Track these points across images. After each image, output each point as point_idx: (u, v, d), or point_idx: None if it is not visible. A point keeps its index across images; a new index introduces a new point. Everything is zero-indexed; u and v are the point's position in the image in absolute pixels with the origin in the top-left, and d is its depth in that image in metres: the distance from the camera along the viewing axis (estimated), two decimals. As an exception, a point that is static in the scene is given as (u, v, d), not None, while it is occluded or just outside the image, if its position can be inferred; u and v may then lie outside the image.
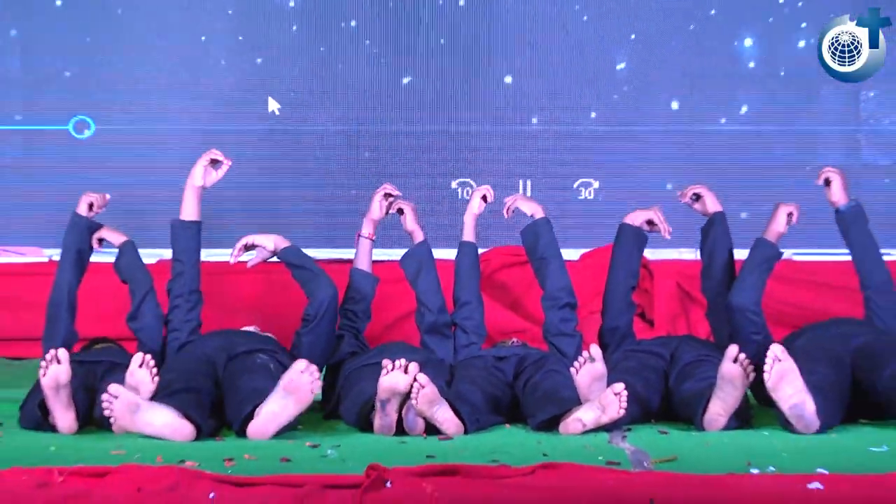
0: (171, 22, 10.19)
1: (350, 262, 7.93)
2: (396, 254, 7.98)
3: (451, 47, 10.22)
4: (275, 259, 7.65)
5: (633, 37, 10.30)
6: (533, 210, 7.84)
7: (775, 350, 6.62)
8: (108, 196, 7.68)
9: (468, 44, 10.23)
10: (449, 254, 7.95)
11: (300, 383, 6.52)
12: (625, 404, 6.69)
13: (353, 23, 10.17)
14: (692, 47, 10.26)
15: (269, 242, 7.58)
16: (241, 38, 10.20)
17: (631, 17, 10.26)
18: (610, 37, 10.25)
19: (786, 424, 6.72)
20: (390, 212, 7.98)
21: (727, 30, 10.31)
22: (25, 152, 10.21)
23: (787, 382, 6.63)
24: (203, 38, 10.23)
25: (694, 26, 10.27)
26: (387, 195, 7.97)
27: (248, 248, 7.61)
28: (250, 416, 6.60)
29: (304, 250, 7.68)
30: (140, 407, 6.52)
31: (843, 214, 7.70)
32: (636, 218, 7.93)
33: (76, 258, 7.55)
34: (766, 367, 6.60)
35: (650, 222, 7.90)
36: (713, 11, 10.27)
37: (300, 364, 6.55)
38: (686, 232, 8.11)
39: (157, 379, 6.79)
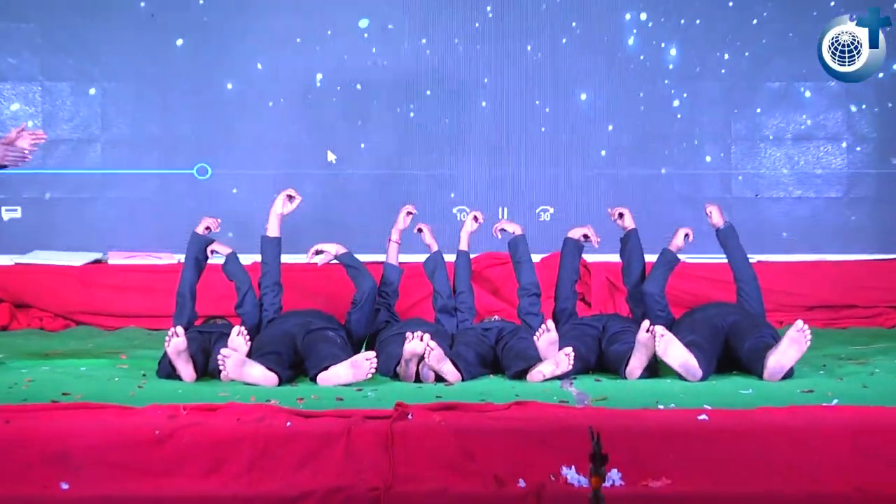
0: (263, 97, 10.16)
1: (382, 262, 7.95)
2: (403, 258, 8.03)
3: (452, 113, 10.20)
4: (335, 261, 7.67)
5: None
6: (514, 229, 7.87)
7: (657, 329, 6.66)
8: (219, 220, 7.70)
9: (463, 110, 10.22)
10: (450, 258, 7.92)
11: (362, 366, 6.62)
12: (572, 361, 6.71)
13: (372, 117, 10.12)
14: (621, 117, 10.22)
15: (333, 248, 7.64)
16: (310, 109, 10.16)
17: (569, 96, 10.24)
18: (559, 116, 10.21)
19: (679, 377, 6.71)
20: (414, 232, 8.02)
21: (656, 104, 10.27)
22: (161, 189, 10.17)
23: (671, 349, 6.65)
24: (285, 111, 10.18)
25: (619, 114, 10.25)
26: (409, 213, 8.03)
27: (317, 252, 7.65)
28: (323, 370, 6.68)
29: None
30: (245, 363, 6.63)
31: (721, 233, 7.67)
32: (575, 232, 7.93)
33: (195, 263, 7.56)
34: (656, 342, 6.64)
35: (585, 235, 7.89)
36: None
37: (369, 353, 6.70)
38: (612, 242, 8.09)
39: (249, 343, 6.86)
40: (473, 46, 10.20)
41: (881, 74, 10.04)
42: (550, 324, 6.93)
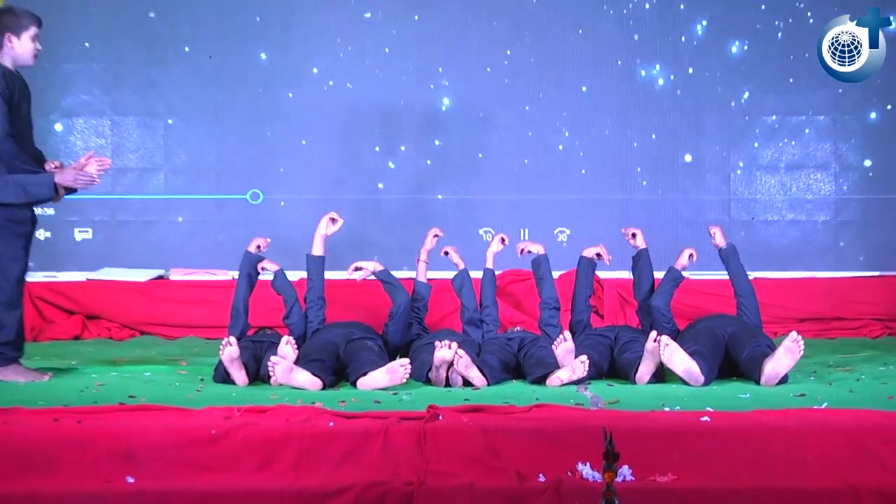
0: (304, 131, 10.21)
1: (412, 279, 7.97)
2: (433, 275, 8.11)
3: (474, 149, 10.21)
4: (372, 277, 7.68)
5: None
6: (538, 249, 7.85)
7: (663, 339, 6.67)
8: (269, 240, 7.72)
9: (486, 141, 10.23)
10: (476, 274, 7.93)
11: (397, 372, 6.63)
12: (587, 368, 6.71)
13: (403, 147, 10.16)
14: (632, 148, 10.23)
15: (370, 266, 7.68)
16: (347, 141, 10.20)
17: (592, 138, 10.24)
18: (575, 147, 10.22)
19: (683, 382, 6.70)
20: (440, 255, 8.03)
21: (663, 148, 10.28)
22: (217, 212, 10.20)
23: (675, 357, 6.66)
24: (324, 144, 10.22)
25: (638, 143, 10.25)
26: (435, 235, 8.05)
27: (356, 269, 7.69)
28: (362, 375, 6.69)
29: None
30: (293, 369, 6.64)
31: (724, 252, 7.64)
32: (589, 251, 7.91)
33: (247, 279, 7.59)
34: (661, 351, 6.65)
35: (598, 254, 7.88)
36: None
37: (403, 360, 6.71)
38: (621, 261, 8.10)
39: (296, 352, 6.89)
40: (496, 83, 10.22)
41: (873, 114, 10.06)
42: (567, 334, 6.93)
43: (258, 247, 7.66)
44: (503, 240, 8.01)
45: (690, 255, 7.70)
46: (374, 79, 10.20)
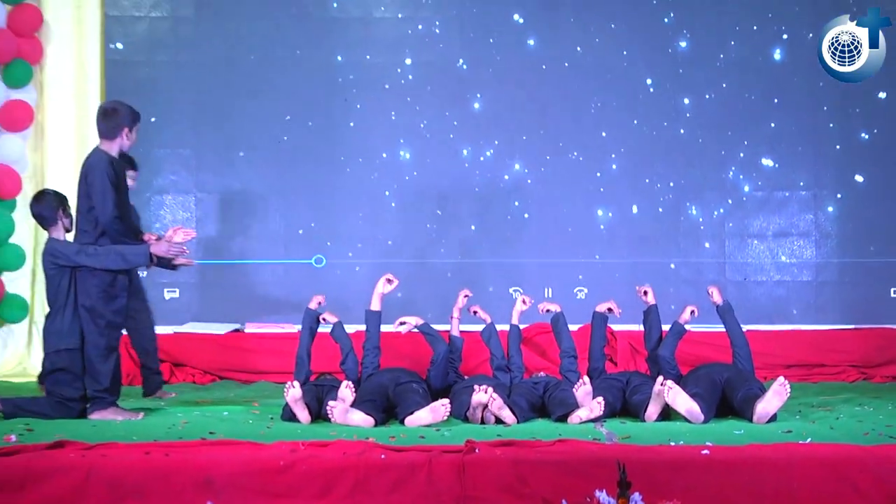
0: (364, 207, 10.27)
1: (447, 331, 7.98)
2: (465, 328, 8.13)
3: (506, 218, 10.25)
4: (416, 329, 7.69)
5: (602, 226, 10.26)
6: (555, 308, 7.83)
7: (668, 383, 6.66)
8: (324, 296, 7.75)
9: (516, 214, 10.26)
10: (505, 327, 7.91)
11: (439, 411, 6.61)
12: (603, 408, 6.68)
13: (448, 219, 10.17)
14: (641, 219, 10.24)
15: (414, 320, 7.68)
16: (399, 212, 10.26)
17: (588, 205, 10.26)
18: (592, 220, 10.24)
19: (686, 420, 6.66)
20: (469, 313, 8.00)
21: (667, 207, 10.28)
22: (284, 275, 10.26)
23: (678, 399, 6.64)
24: (380, 214, 10.28)
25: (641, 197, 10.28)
26: (465, 295, 8.04)
27: (401, 323, 7.68)
28: (409, 414, 6.69)
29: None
30: (349, 410, 6.65)
31: (721, 309, 7.61)
32: (601, 306, 7.88)
33: (309, 331, 7.63)
34: (666, 393, 6.64)
35: (609, 308, 7.85)
36: (664, 184, 10.24)
37: (443, 401, 6.69)
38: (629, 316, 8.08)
39: (354, 395, 6.88)
40: (526, 164, 10.28)
41: (839, 195, 10.09)
42: (586, 379, 6.96)
43: (318, 303, 7.70)
44: (524, 300, 8.00)
45: (692, 311, 7.67)
46: (425, 158, 10.27)
